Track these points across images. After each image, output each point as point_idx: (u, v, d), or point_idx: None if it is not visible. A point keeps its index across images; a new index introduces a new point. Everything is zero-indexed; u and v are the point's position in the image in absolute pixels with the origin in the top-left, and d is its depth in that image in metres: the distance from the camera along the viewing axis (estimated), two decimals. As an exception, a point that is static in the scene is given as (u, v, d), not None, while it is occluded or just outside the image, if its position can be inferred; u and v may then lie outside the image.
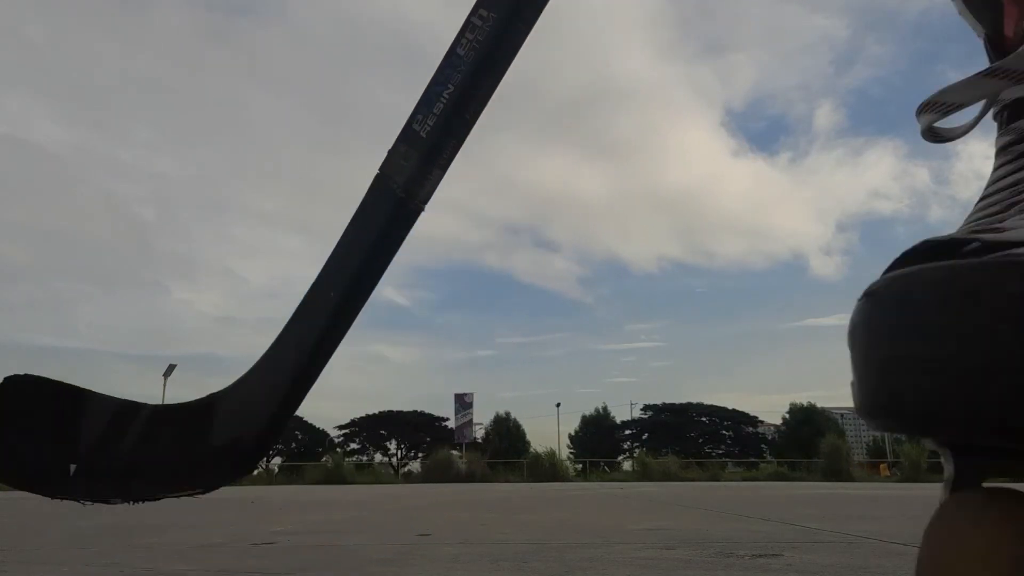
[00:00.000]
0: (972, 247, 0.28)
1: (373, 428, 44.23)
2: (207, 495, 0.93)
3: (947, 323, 0.24)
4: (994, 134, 0.57)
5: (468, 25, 0.95)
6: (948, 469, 0.28)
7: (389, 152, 0.91)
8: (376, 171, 1.04)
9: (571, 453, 38.52)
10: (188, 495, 0.99)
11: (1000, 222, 0.32)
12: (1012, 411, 0.22)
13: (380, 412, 44.34)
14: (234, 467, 0.96)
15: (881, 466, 21.57)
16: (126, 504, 1.10)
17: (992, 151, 0.59)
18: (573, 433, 42.01)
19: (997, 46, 0.44)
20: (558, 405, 31.96)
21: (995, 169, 0.39)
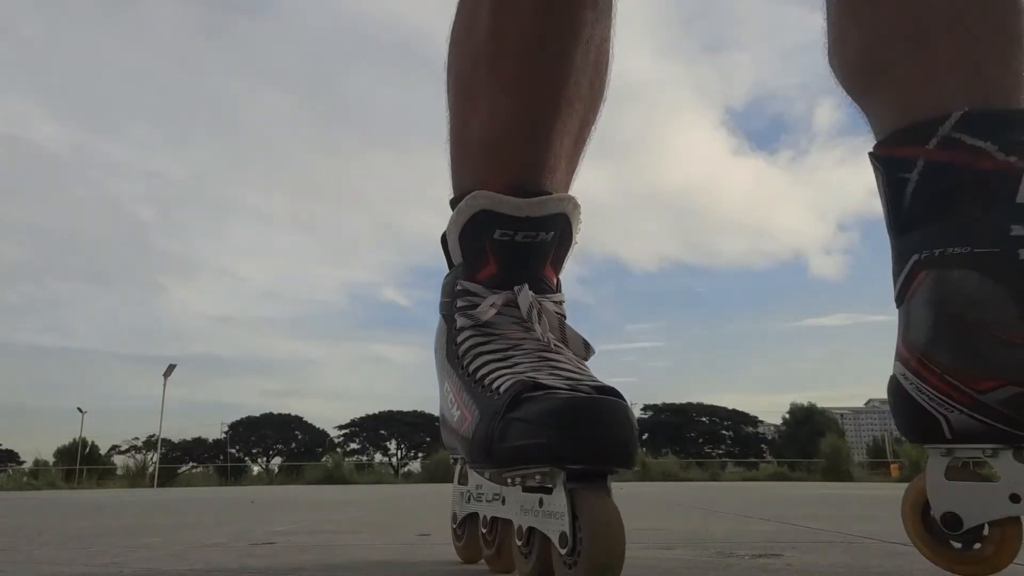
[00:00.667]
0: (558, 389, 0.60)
1: (373, 428, 44.24)
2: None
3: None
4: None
5: None
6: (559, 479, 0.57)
7: None
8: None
9: (571, 453, 38.52)
10: None
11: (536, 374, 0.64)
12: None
13: (380, 412, 44.36)
14: None
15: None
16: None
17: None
18: (573, 433, 41.99)
19: (466, 276, 0.74)
20: (558, 405, 31.89)
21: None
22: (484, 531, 0.75)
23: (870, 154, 0.66)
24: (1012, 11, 0.63)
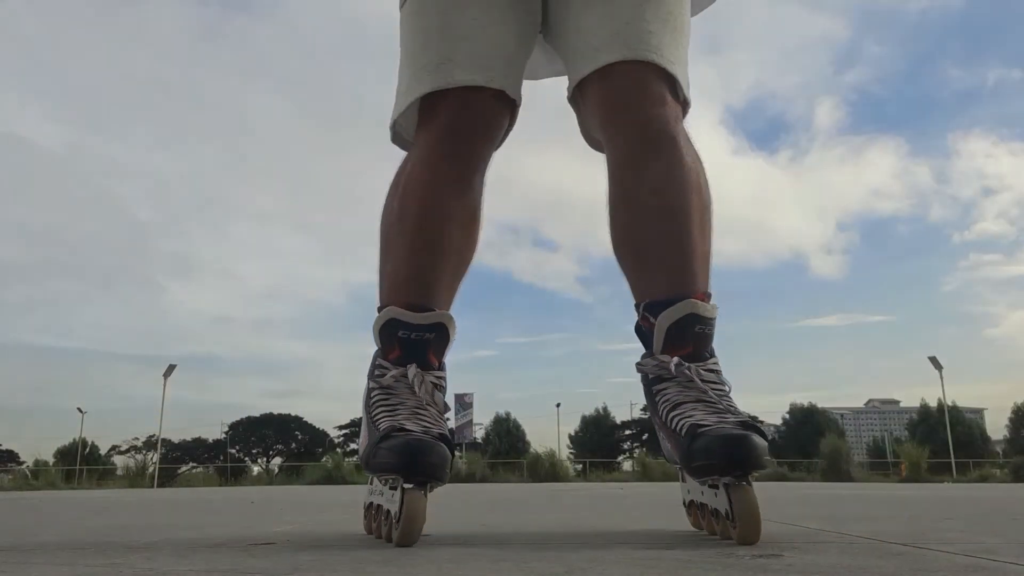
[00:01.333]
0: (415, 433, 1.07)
1: (373, 428, 43.99)
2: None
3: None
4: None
5: None
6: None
7: None
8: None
9: (571, 453, 38.50)
10: None
11: (402, 419, 1.09)
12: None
13: (380, 412, 44.10)
14: None
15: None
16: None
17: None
18: (573, 433, 41.98)
19: (382, 356, 1.21)
20: (558, 405, 31.97)
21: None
22: (373, 512, 1.21)
23: None
24: (670, 247, 1.17)
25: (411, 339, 1.16)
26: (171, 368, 21.59)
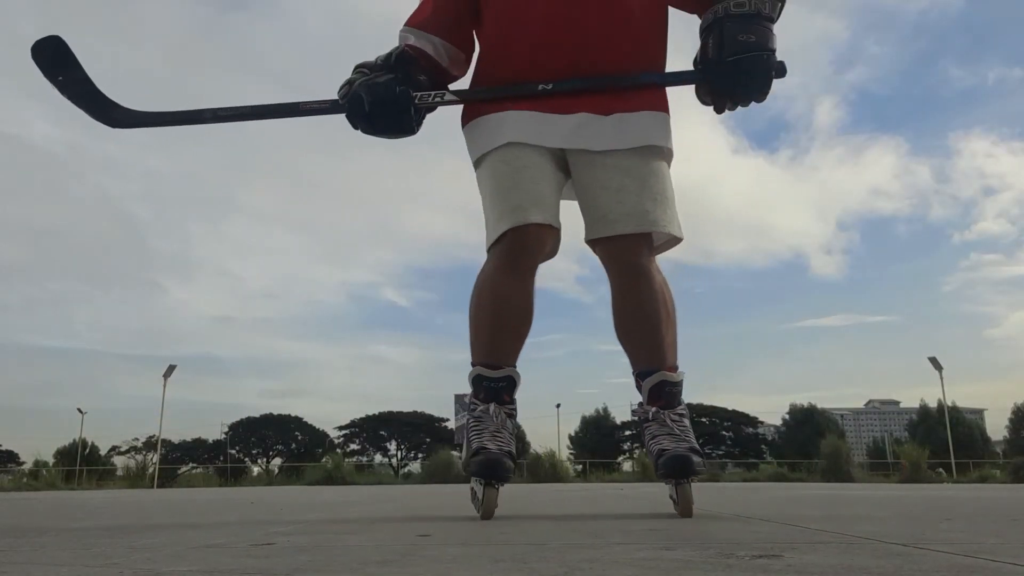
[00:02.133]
0: None
1: (373, 428, 44.16)
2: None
3: None
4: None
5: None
6: None
7: None
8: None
9: (571, 453, 38.47)
10: None
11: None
12: None
13: (380, 412, 44.26)
14: None
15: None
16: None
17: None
18: (573, 433, 41.94)
19: (473, 396, 1.93)
20: (558, 405, 31.83)
21: None
22: (473, 493, 1.87)
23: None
24: (648, 340, 1.85)
25: (491, 387, 1.83)
26: (171, 368, 21.58)
